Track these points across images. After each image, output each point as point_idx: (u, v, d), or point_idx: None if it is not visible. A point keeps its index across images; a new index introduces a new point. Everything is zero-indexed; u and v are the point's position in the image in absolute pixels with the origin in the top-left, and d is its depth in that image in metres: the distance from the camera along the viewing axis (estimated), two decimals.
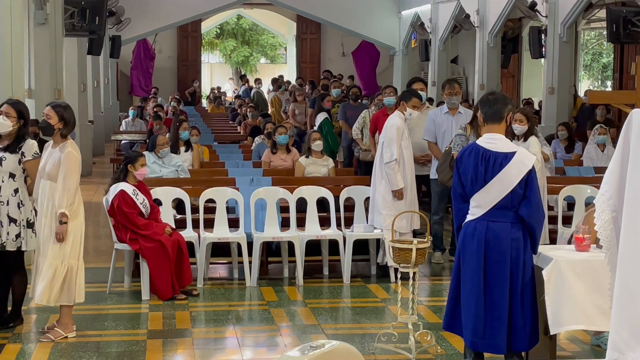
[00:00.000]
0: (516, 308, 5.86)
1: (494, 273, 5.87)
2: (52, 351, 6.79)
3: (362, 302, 8.51)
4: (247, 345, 7.13)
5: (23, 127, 7.19)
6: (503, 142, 5.96)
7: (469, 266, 5.94)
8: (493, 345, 5.89)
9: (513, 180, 5.81)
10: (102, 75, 23.43)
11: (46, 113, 7.07)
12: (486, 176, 5.85)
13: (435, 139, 10.01)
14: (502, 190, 5.82)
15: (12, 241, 7.11)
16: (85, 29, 16.16)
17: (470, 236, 5.94)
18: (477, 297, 5.89)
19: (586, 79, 30.23)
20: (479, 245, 5.89)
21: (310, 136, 10.70)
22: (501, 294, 5.85)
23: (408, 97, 9.23)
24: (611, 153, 11.00)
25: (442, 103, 15.16)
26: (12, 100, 7.39)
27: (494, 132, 5.98)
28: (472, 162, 5.91)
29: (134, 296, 8.53)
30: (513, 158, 5.84)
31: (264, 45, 38.78)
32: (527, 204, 5.83)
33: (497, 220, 5.87)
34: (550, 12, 16.33)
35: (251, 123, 17.50)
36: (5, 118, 7.10)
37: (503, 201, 5.84)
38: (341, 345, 3.04)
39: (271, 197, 9.39)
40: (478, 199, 5.92)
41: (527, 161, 5.88)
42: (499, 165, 5.83)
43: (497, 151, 5.88)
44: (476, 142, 6.05)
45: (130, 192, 8.45)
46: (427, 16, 22.40)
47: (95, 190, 15.12)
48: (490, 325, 5.87)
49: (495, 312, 5.86)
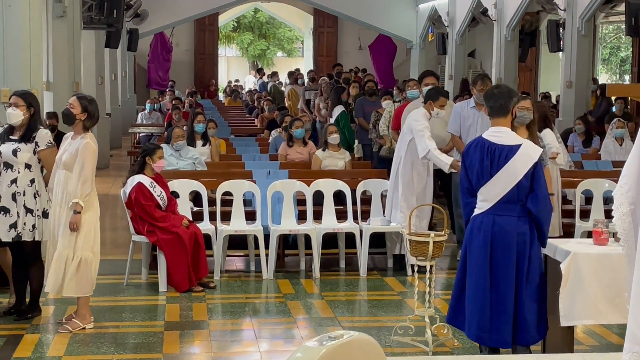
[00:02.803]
0: (522, 302, 5.84)
1: (499, 267, 5.87)
2: (70, 342, 6.82)
3: (379, 295, 8.51)
4: (263, 338, 7.14)
5: (33, 116, 7.23)
6: (509, 135, 5.94)
7: (475, 260, 5.94)
8: (498, 340, 5.89)
9: (519, 173, 5.79)
10: (120, 68, 23.48)
11: (70, 102, 7.12)
12: (492, 169, 5.84)
13: (459, 132, 9.84)
14: (507, 183, 5.81)
15: (29, 231, 7.15)
16: (103, 22, 16.23)
17: (476, 230, 5.95)
18: (483, 291, 5.89)
19: (604, 72, 30.09)
20: (485, 239, 5.88)
21: (327, 129, 10.70)
22: (507, 288, 5.85)
23: (436, 96, 9.20)
24: (629, 146, 10.96)
25: (459, 97, 15.11)
26: (19, 91, 7.43)
27: (500, 125, 5.97)
28: (477, 155, 5.91)
29: (151, 288, 8.56)
30: (518, 150, 5.82)
31: (281, 38, 38.75)
32: (534, 197, 5.81)
33: (504, 214, 5.86)
34: (569, 6, 16.25)
35: (268, 116, 17.51)
36: (15, 108, 7.15)
37: (509, 194, 5.83)
38: (360, 336, 3.04)
39: (288, 189, 9.40)
40: (484, 192, 5.92)
41: (533, 154, 5.85)
42: (505, 158, 5.82)
43: (502, 144, 5.87)
44: (482, 135, 6.06)
45: (147, 184, 8.48)
46: (445, 9, 22.33)
47: (113, 183, 15.17)
48: (496, 319, 5.86)
49: (501, 306, 5.85)
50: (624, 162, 3.51)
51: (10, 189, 7.15)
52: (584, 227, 9.13)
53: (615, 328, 7.05)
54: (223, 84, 33.94)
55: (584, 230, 9.12)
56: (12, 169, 7.17)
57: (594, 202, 9.58)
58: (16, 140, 7.19)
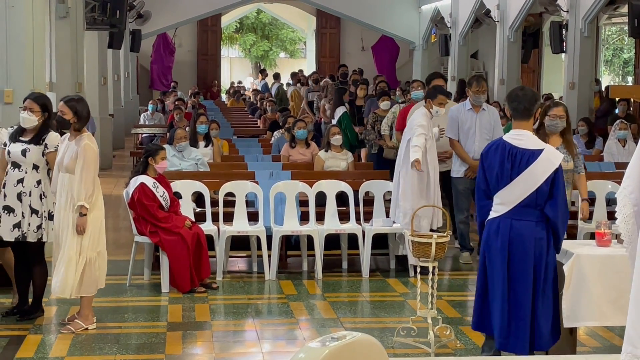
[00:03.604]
0: (539, 308, 5.78)
1: (517, 272, 5.79)
2: (73, 342, 6.82)
3: (381, 296, 8.51)
4: (266, 338, 7.14)
5: (47, 119, 7.25)
6: (530, 138, 5.86)
7: (493, 265, 5.87)
8: (516, 346, 5.80)
9: (539, 179, 5.72)
10: (123, 69, 23.51)
11: (60, 109, 7.10)
12: (512, 173, 5.77)
13: (458, 136, 9.78)
14: (527, 188, 5.74)
15: (34, 232, 7.16)
16: (106, 23, 16.25)
17: (494, 234, 5.87)
18: (502, 297, 5.82)
19: (607, 74, 30.07)
20: (503, 244, 5.81)
21: (330, 130, 10.69)
22: (524, 294, 5.77)
23: (434, 94, 9.19)
24: (632, 148, 10.94)
25: (460, 98, 14.97)
26: (34, 94, 7.44)
27: (522, 128, 5.90)
28: (498, 158, 5.82)
29: (153, 289, 8.56)
30: (540, 155, 5.74)
31: (284, 39, 38.79)
32: (552, 203, 5.74)
33: (521, 219, 5.79)
34: (572, 7, 16.25)
35: (270, 117, 17.51)
36: (30, 113, 7.16)
37: (528, 199, 5.75)
38: (362, 336, 3.04)
39: (290, 190, 9.40)
40: (502, 196, 5.84)
41: (555, 159, 5.77)
42: (526, 163, 5.74)
43: (524, 148, 5.79)
44: (502, 137, 5.98)
45: (150, 185, 8.48)
46: (447, 11, 22.35)
47: (116, 183, 15.19)
48: (515, 325, 5.79)
49: (519, 312, 5.78)
50: (626, 163, 3.51)
51: (16, 189, 7.16)
52: (587, 228, 9.12)
53: (617, 330, 7.02)
54: (226, 85, 33.96)
55: (587, 232, 9.11)
56: (19, 169, 7.18)
57: (596, 203, 9.57)
58: (26, 141, 7.21)
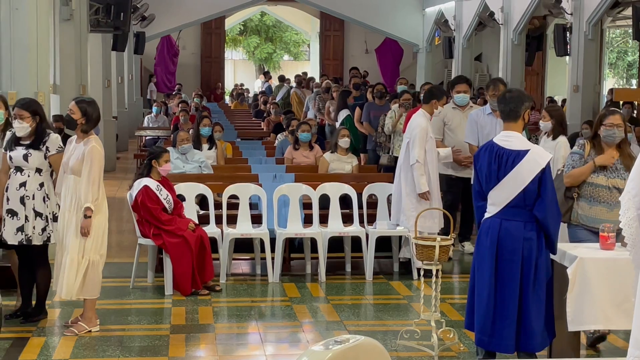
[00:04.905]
0: (527, 309, 5.83)
1: (504, 272, 5.87)
2: (76, 345, 6.82)
3: (385, 299, 8.50)
4: (269, 341, 7.13)
5: (40, 123, 7.23)
6: (518, 139, 5.94)
7: (482, 264, 5.95)
8: (500, 344, 5.88)
9: (525, 179, 5.78)
10: (126, 71, 23.52)
11: (70, 108, 7.12)
12: (499, 174, 5.85)
13: (478, 141, 9.66)
14: (514, 188, 5.81)
15: (38, 235, 7.17)
16: (110, 25, 16.26)
17: (484, 234, 5.97)
18: (488, 295, 5.89)
19: (611, 77, 30.03)
20: (492, 243, 5.89)
21: (339, 132, 10.67)
22: (511, 293, 5.84)
23: (439, 95, 9.17)
24: (636, 151, 10.94)
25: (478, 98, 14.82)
26: (21, 101, 7.38)
27: (511, 129, 5.98)
28: (486, 159, 5.93)
29: (157, 291, 8.56)
30: (526, 156, 5.81)
31: (287, 42, 38.79)
32: (540, 203, 5.80)
33: (511, 219, 5.86)
34: (576, 10, 16.22)
35: (274, 120, 17.52)
36: (21, 121, 7.13)
37: (516, 200, 5.82)
38: (366, 340, 3.03)
39: (294, 193, 9.39)
40: (493, 196, 5.93)
41: (541, 160, 5.83)
42: (512, 163, 5.82)
43: (510, 149, 5.87)
44: (492, 139, 6.06)
45: (154, 187, 8.48)
46: (451, 13, 22.32)
47: (119, 186, 15.19)
48: (499, 324, 5.86)
49: (504, 310, 5.85)
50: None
51: (18, 192, 7.16)
52: None
53: (621, 333, 7.02)
54: (229, 87, 33.97)
55: None
56: (21, 172, 7.18)
57: None
58: (26, 146, 7.20)
